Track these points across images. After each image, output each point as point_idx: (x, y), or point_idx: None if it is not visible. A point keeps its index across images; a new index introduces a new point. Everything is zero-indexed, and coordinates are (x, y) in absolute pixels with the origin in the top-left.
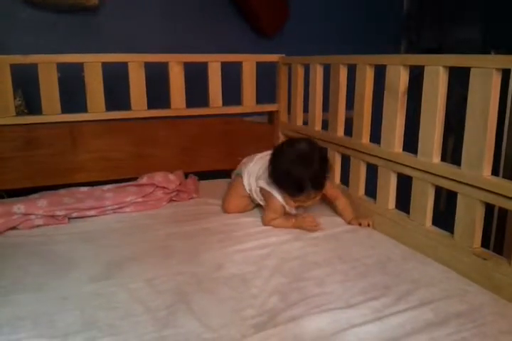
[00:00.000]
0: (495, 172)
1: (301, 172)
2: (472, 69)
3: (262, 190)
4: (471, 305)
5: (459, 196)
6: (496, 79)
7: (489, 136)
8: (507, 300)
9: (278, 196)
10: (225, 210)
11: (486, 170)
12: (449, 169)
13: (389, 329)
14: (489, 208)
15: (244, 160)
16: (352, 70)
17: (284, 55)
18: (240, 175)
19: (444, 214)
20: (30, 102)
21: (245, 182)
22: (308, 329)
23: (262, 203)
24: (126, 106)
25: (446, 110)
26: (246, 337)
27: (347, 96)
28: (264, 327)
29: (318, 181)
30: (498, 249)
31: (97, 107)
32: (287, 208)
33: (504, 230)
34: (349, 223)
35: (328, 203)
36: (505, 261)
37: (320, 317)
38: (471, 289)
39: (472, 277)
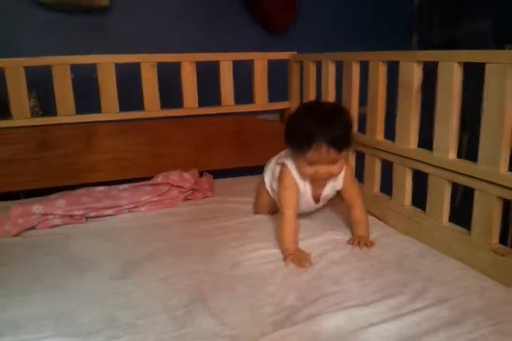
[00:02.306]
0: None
1: (311, 121)
2: (487, 65)
3: (276, 170)
4: (488, 302)
5: (475, 192)
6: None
7: (506, 131)
8: None
9: (292, 168)
10: (254, 213)
11: (503, 166)
12: (465, 165)
13: (407, 327)
14: (506, 204)
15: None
16: (364, 67)
17: (295, 53)
18: (263, 177)
19: (460, 210)
20: (44, 103)
21: (266, 179)
22: (326, 328)
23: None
24: (139, 106)
25: (461, 107)
26: (265, 334)
27: (360, 92)
28: (283, 325)
29: (333, 134)
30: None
31: (110, 108)
32: (302, 186)
33: None
34: (351, 243)
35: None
36: None
37: (338, 315)
38: (488, 286)
39: (490, 274)
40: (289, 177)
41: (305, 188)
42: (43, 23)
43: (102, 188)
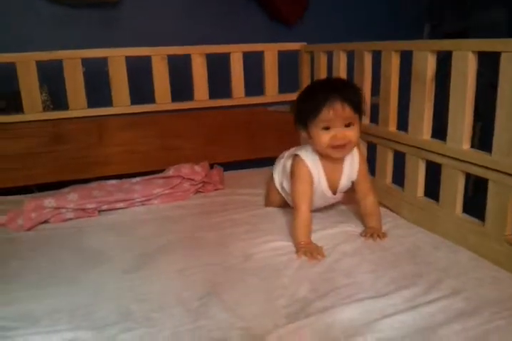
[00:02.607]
0: None
1: (322, 88)
2: (502, 54)
3: (288, 165)
4: (503, 293)
5: (490, 183)
6: None
7: None
8: None
9: (305, 157)
10: (265, 205)
11: None
12: (479, 155)
13: (421, 318)
14: None
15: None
16: (376, 57)
17: (305, 44)
18: (272, 172)
19: (473, 200)
20: (55, 98)
21: (275, 175)
22: (339, 320)
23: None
24: (150, 99)
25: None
26: (278, 327)
27: (372, 82)
28: (296, 317)
29: (346, 91)
30: None
31: (122, 101)
32: (316, 176)
33: None
34: (364, 235)
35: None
36: None
37: (351, 307)
38: (502, 277)
39: (504, 265)
40: (302, 167)
41: (319, 178)
42: (54, 17)
43: (114, 182)
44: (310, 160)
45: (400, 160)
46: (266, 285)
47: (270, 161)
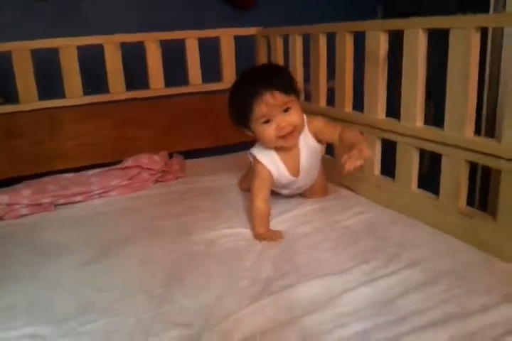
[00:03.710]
0: (477, 132)
1: (245, 83)
2: (451, 30)
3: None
4: (459, 263)
5: (443, 158)
6: (475, 38)
7: (470, 96)
8: (494, 255)
9: (259, 155)
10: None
11: (469, 130)
12: (432, 132)
13: (382, 290)
14: (473, 167)
15: None
16: (332, 39)
17: (261, 28)
18: None
19: (428, 177)
20: (6, 91)
21: None
22: (302, 296)
23: None
24: (105, 89)
25: (426, 76)
26: (242, 307)
27: (328, 65)
28: (259, 297)
29: (269, 79)
30: (483, 208)
31: (74, 92)
32: (275, 170)
33: (488, 188)
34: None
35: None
36: (490, 218)
37: (313, 283)
38: (458, 248)
39: (459, 236)
40: (258, 166)
41: (278, 169)
42: (13, 8)
43: (69, 175)
44: (264, 155)
45: None
46: (228, 269)
47: (230, 148)
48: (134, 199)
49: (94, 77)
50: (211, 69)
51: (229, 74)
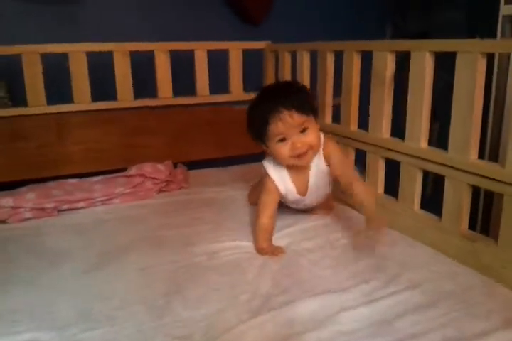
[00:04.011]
0: (481, 155)
1: (264, 99)
2: (458, 55)
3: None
4: (460, 286)
5: (446, 180)
6: (481, 63)
7: (475, 119)
8: (495, 280)
9: (269, 169)
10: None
11: (473, 154)
12: (436, 153)
13: (380, 311)
14: (475, 191)
15: None
16: (339, 56)
17: (270, 42)
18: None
19: (431, 199)
20: (14, 94)
21: None
22: (302, 313)
23: None
24: (113, 96)
25: (433, 97)
26: (242, 322)
27: (335, 83)
28: (259, 312)
29: (288, 98)
30: (485, 231)
31: (82, 98)
32: (282, 188)
33: (490, 212)
34: (367, 225)
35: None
36: (493, 242)
37: (313, 300)
38: (459, 271)
39: (460, 259)
40: (267, 179)
41: (286, 187)
42: (15, 13)
43: (74, 181)
44: (275, 172)
45: (361, 158)
46: (229, 282)
47: (235, 160)
48: (137, 208)
49: (102, 83)
50: (220, 81)
51: (236, 86)
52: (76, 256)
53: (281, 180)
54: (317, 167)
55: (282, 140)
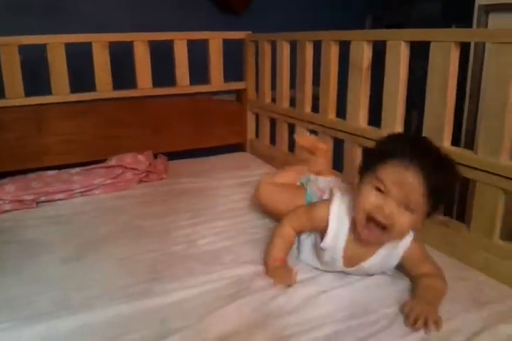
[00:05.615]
0: (457, 143)
1: (413, 142)
2: (432, 44)
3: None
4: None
5: None
6: (455, 52)
7: (449, 106)
8: (465, 263)
9: (338, 203)
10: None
11: (446, 141)
12: None
13: (356, 290)
14: None
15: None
16: (319, 46)
17: (250, 32)
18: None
19: None
20: None
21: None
22: (280, 296)
23: None
24: (92, 87)
25: (411, 86)
26: (220, 306)
27: (314, 72)
28: (237, 296)
29: (430, 164)
30: (461, 218)
31: (61, 89)
32: (331, 235)
33: (466, 199)
34: (408, 312)
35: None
36: (464, 227)
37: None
38: (431, 254)
39: (434, 244)
40: (323, 210)
41: (335, 242)
42: None
43: (53, 172)
44: (339, 212)
45: (339, 147)
46: (208, 269)
47: (216, 150)
48: (116, 199)
49: (81, 74)
50: (200, 71)
51: (216, 77)
52: (55, 246)
53: (335, 229)
54: (389, 255)
55: (380, 190)
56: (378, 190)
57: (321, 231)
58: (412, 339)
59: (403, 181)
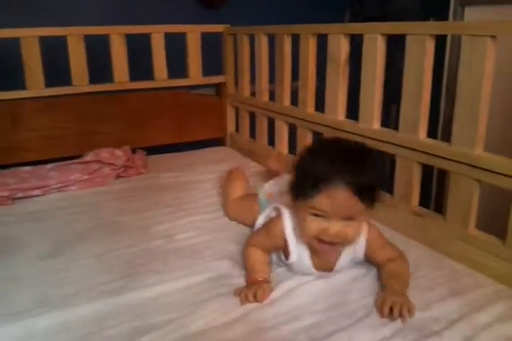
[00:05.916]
0: (434, 135)
1: (330, 161)
2: (408, 36)
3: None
4: (410, 260)
5: (397, 158)
6: (430, 45)
7: (424, 99)
8: (442, 253)
9: (288, 220)
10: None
11: (422, 133)
12: (387, 133)
13: (333, 282)
14: (429, 170)
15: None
16: (297, 40)
17: (229, 26)
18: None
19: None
20: None
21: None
22: None
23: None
24: (68, 81)
25: (390, 79)
26: (199, 301)
27: (293, 66)
28: (216, 290)
29: (358, 176)
30: (439, 210)
31: (36, 84)
32: (294, 253)
33: (443, 190)
34: (381, 304)
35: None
36: (441, 218)
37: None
38: (409, 245)
39: (410, 234)
40: (276, 227)
41: (300, 256)
42: None
43: (28, 168)
44: (295, 229)
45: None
46: (187, 264)
47: (195, 145)
48: (93, 195)
49: (56, 69)
50: (178, 65)
51: (195, 70)
52: (32, 243)
53: (296, 241)
54: (353, 252)
55: (318, 215)
56: (315, 214)
57: (284, 248)
58: (391, 328)
59: (340, 204)
